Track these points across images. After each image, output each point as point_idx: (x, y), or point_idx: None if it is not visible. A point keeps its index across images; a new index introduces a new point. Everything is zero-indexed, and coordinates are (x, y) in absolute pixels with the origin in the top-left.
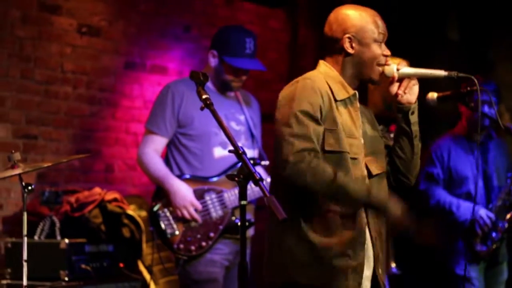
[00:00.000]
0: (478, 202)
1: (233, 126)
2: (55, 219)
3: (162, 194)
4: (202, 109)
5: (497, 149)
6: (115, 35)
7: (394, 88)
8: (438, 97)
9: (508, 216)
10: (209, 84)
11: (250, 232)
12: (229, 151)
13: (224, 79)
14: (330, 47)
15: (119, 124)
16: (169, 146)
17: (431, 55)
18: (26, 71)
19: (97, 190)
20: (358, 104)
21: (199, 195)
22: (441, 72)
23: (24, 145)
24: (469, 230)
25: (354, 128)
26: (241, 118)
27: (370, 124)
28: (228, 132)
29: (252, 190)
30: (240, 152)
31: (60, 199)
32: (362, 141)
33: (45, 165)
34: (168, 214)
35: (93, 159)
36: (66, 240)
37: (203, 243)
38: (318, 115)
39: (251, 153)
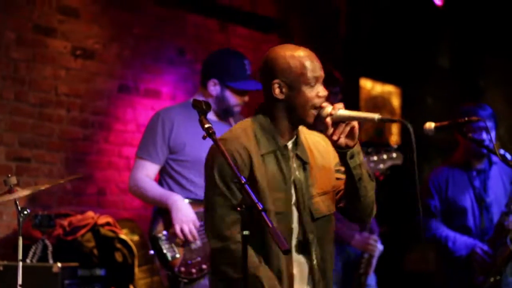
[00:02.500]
0: (474, 234)
1: None
2: (48, 242)
3: (161, 217)
4: (204, 138)
5: (498, 175)
6: (109, 58)
7: (329, 132)
8: (435, 127)
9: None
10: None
11: None
12: (232, 181)
13: (229, 105)
14: (264, 93)
15: (112, 148)
16: (161, 173)
17: (421, 82)
18: (20, 94)
19: (90, 214)
20: (290, 154)
21: (199, 217)
22: (374, 116)
23: (17, 168)
24: (466, 265)
25: (282, 181)
26: None
27: (321, 162)
28: (230, 161)
29: None
30: (243, 182)
31: (52, 223)
32: (297, 190)
33: (43, 187)
34: (168, 237)
35: (86, 183)
36: (59, 264)
37: (204, 266)
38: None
39: None
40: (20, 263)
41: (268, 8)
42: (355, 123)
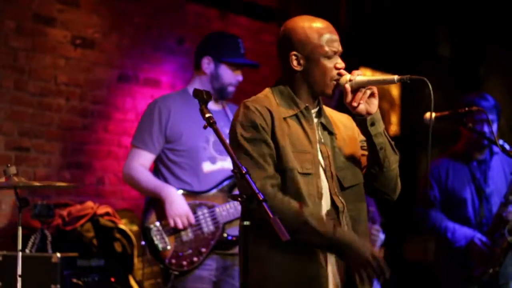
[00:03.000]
0: (474, 225)
1: None
2: (47, 232)
3: (153, 207)
4: (205, 127)
5: (500, 165)
6: (108, 48)
7: (349, 98)
8: (436, 117)
9: (505, 241)
10: None
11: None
12: (232, 171)
13: (223, 83)
14: (281, 64)
15: (111, 137)
16: (156, 162)
17: (422, 71)
18: (19, 83)
19: (89, 204)
20: (314, 118)
21: (192, 209)
22: (394, 77)
23: (16, 157)
24: (465, 256)
25: (308, 142)
26: (228, 131)
27: (346, 137)
28: (231, 151)
29: (236, 209)
30: (244, 172)
31: (51, 213)
32: (325, 157)
33: (39, 184)
34: (160, 228)
35: (85, 172)
36: (58, 254)
37: (195, 258)
38: (264, 134)
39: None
40: (20, 253)
41: None
42: (375, 89)
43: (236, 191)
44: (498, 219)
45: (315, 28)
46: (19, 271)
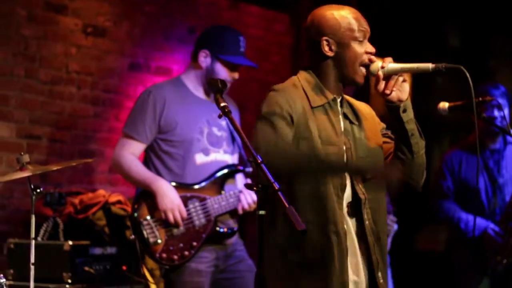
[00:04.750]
0: (487, 215)
1: (215, 131)
2: (59, 220)
3: (144, 200)
4: (220, 116)
5: None
6: (120, 36)
7: (381, 86)
8: (449, 107)
9: None
10: (191, 88)
11: (233, 239)
12: (248, 160)
13: (222, 79)
14: (310, 51)
15: (123, 126)
16: (147, 152)
17: (432, 61)
18: (30, 71)
19: (101, 192)
20: (339, 109)
21: (183, 202)
22: (428, 65)
23: (27, 145)
24: (479, 246)
25: (334, 134)
26: (223, 123)
27: (367, 126)
28: (246, 141)
29: (237, 198)
30: (259, 161)
31: (63, 201)
32: (347, 148)
33: (54, 167)
34: (151, 222)
35: (97, 161)
36: (70, 242)
37: (186, 252)
38: (288, 116)
39: (232, 159)
40: (33, 241)
41: None
42: (406, 75)
43: (228, 184)
44: (511, 209)
45: (345, 14)
46: (32, 259)
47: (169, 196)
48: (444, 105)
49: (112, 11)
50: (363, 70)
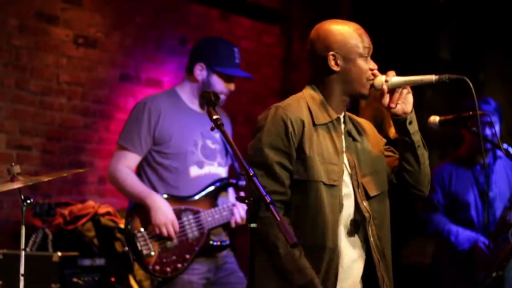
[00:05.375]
0: (477, 229)
1: (209, 144)
2: (48, 231)
3: (137, 211)
4: (212, 129)
5: (503, 169)
6: (111, 47)
7: (386, 100)
8: (440, 121)
9: (509, 245)
10: (186, 100)
11: (224, 252)
12: (240, 173)
13: (215, 91)
14: (315, 66)
15: (113, 137)
16: (142, 164)
17: (422, 74)
18: (21, 81)
19: (91, 203)
20: (342, 128)
21: (177, 215)
22: (432, 77)
23: (17, 156)
24: (468, 259)
25: (335, 153)
26: (216, 136)
27: (370, 141)
28: (239, 154)
29: (230, 212)
30: (251, 174)
31: (53, 212)
32: (351, 166)
33: (45, 178)
34: (144, 234)
35: (86, 172)
36: (59, 253)
37: (179, 265)
38: (288, 144)
39: (225, 171)
40: (23, 252)
41: None
42: (410, 88)
43: (221, 197)
44: (502, 223)
45: (352, 29)
46: (22, 270)
47: (163, 210)
48: (435, 119)
49: (103, 22)
50: (368, 83)
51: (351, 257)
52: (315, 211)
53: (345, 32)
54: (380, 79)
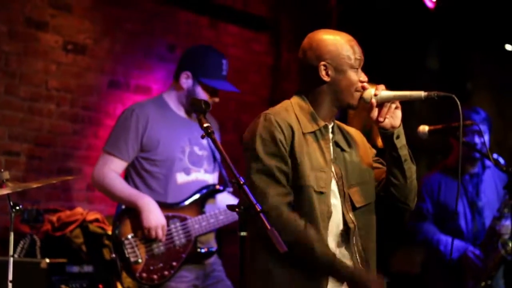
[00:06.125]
0: (466, 238)
1: (196, 151)
2: (36, 237)
3: (124, 217)
4: (203, 137)
5: (492, 179)
6: (100, 54)
7: (374, 114)
8: (429, 131)
9: (498, 254)
10: (173, 107)
11: (212, 259)
12: (230, 181)
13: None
14: (305, 75)
15: (101, 143)
16: (128, 170)
17: (410, 83)
18: (10, 87)
19: (79, 210)
20: (330, 136)
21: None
22: (421, 93)
23: (6, 162)
24: (457, 269)
25: (323, 161)
26: (204, 142)
27: (359, 152)
28: (229, 161)
29: (217, 219)
30: (241, 182)
31: (41, 218)
32: (338, 176)
33: (34, 185)
34: (132, 241)
35: (75, 178)
36: (47, 260)
37: (166, 272)
38: (282, 149)
39: (212, 178)
40: (11, 259)
41: (260, 7)
42: (398, 103)
43: (208, 204)
44: (491, 233)
45: (344, 40)
46: (10, 277)
47: (155, 213)
48: (424, 128)
49: (92, 29)
50: (358, 94)
51: None
52: (308, 216)
53: (338, 42)
54: (369, 92)
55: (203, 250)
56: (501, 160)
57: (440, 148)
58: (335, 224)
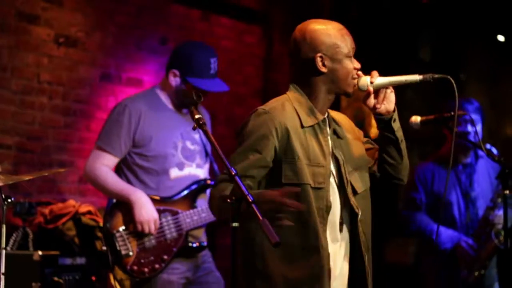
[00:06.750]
0: (459, 228)
1: (188, 145)
2: (29, 230)
3: (116, 210)
4: (194, 129)
5: (485, 169)
6: (91, 47)
7: (371, 101)
8: (421, 121)
9: (491, 244)
10: (165, 101)
11: (202, 252)
12: (223, 172)
13: (184, 100)
14: (301, 67)
15: (94, 136)
16: (120, 165)
17: (402, 74)
18: (2, 80)
19: (71, 202)
20: (327, 129)
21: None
22: (416, 77)
23: None
24: (450, 259)
25: (322, 155)
26: (196, 137)
27: (351, 137)
28: (221, 153)
29: (208, 213)
30: (233, 173)
31: (33, 211)
32: (339, 165)
33: (26, 178)
34: (123, 234)
35: (67, 171)
36: (40, 252)
37: (157, 265)
38: (269, 146)
39: (204, 172)
40: (3, 251)
41: None
42: (392, 87)
43: (200, 198)
44: (485, 222)
45: (336, 30)
46: (2, 269)
47: (147, 208)
48: (416, 119)
49: (84, 22)
50: (354, 81)
51: (339, 257)
52: (306, 213)
53: (331, 32)
54: (365, 80)
55: (194, 245)
56: (494, 151)
57: (432, 138)
58: (334, 217)
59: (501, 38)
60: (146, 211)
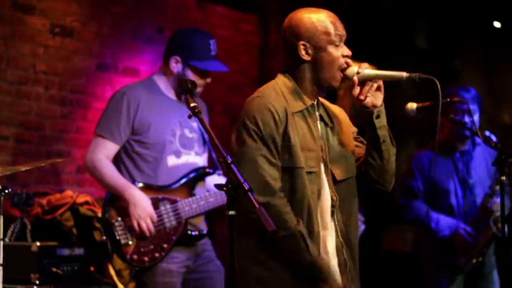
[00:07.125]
0: (457, 216)
1: (187, 133)
2: (26, 221)
3: (115, 201)
4: (190, 117)
5: (482, 156)
6: (87, 36)
7: (356, 91)
8: (417, 108)
9: (490, 231)
10: (164, 89)
11: (202, 240)
12: (218, 160)
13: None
14: (287, 54)
15: (90, 126)
16: (119, 152)
17: (398, 62)
18: None
19: (69, 193)
20: (317, 114)
21: (154, 204)
22: (402, 74)
23: None
24: (448, 246)
25: (312, 140)
26: (194, 125)
27: (341, 127)
28: (216, 141)
29: (207, 201)
30: (229, 161)
31: (31, 201)
32: (323, 151)
33: (23, 168)
34: (122, 224)
35: (64, 161)
36: (38, 243)
37: (156, 254)
38: (275, 132)
39: (202, 160)
40: (1, 242)
41: None
42: (381, 82)
43: (199, 186)
44: (483, 210)
45: (322, 17)
46: (0, 260)
47: (141, 205)
48: (412, 105)
49: (80, 12)
50: (340, 74)
51: (331, 243)
52: (301, 196)
53: (316, 20)
54: (353, 69)
55: (194, 233)
56: (493, 138)
57: (429, 126)
58: (327, 202)
59: (497, 24)
60: (140, 208)
